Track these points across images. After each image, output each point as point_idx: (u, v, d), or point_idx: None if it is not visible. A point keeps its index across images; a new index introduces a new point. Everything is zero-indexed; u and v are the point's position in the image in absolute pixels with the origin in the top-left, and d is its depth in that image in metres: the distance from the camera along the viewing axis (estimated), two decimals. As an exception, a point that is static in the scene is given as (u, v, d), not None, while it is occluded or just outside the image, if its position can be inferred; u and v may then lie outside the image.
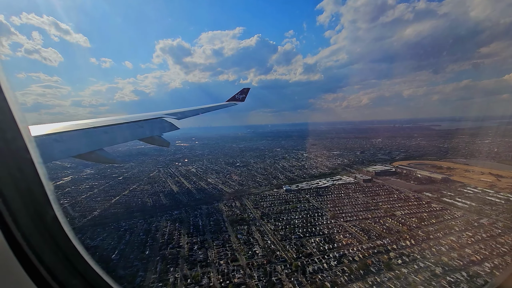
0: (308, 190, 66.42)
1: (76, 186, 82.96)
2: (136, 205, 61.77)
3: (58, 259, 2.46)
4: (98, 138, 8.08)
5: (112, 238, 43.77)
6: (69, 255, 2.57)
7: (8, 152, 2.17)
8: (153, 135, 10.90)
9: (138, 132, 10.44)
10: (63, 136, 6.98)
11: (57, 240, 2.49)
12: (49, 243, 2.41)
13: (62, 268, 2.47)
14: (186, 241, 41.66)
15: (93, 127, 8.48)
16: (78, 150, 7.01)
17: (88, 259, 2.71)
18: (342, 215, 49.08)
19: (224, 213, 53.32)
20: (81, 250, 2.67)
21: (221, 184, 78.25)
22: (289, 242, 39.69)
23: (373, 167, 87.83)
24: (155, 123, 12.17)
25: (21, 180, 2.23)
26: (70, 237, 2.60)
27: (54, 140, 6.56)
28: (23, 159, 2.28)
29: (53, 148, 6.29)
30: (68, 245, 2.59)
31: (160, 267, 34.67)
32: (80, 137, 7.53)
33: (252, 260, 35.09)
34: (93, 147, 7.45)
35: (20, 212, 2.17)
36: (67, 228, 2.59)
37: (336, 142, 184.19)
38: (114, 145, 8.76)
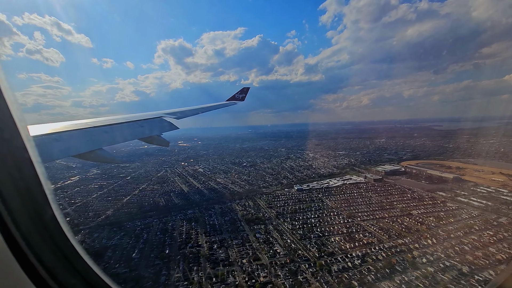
0: (320, 190, 66.30)
1: (85, 185, 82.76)
2: (148, 204, 61.59)
3: (56, 258, 2.45)
4: (97, 137, 8.06)
5: (130, 237, 43.58)
6: (68, 255, 2.57)
7: (7, 151, 2.16)
8: (152, 135, 10.93)
9: (137, 132, 10.46)
10: (62, 135, 6.95)
11: (55, 239, 2.49)
12: (47, 243, 2.40)
13: (61, 267, 2.47)
14: (204, 240, 41.51)
15: (92, 126, 8.45)
16: (77, 150, 6.98)
17: (86, 259, 2.70)
18: (358, 214, 48.96)
19: (238, 212, 53.16)
20: (79, 249, 2.66)
21: (230, 183, 78.10)
22: (309, 241, 39.55)
23: (382, 167, 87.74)
24: (155, 122, 12.20)
25: (20, 180, 2.22)
26: (68, 237, 2.59)
27: (53, 139, 6.53)
28: (22, 158, 2.27)
29: (53, 147, 6.27)
30: (67, 245, 2.58)
31: (182, 266, 34.49)
32: (80, 136, 7.51)
33: (274, 259, 34.95)
34: (93, 147, 7.41)
35: (19, 212, 2.16)
36: (66, 228, 2.58)
37: (340, 142, 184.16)
38: (113, 144, 8.75)
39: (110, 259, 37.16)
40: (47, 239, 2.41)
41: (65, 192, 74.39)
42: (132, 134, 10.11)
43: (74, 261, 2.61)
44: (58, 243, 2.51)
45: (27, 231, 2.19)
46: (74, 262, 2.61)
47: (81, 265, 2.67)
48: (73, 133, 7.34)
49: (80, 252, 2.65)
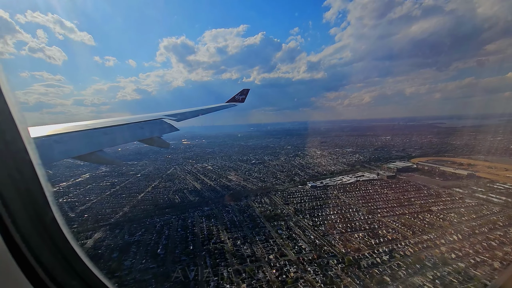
0: (334, 187, 66.20)
1: (97, 183, 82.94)
2: (163, 201, 61.63)
3: (56, 260, 2.46)
4: (98, 139, 8.05)
5: (151, 234, 43.64)
6: (67, 256, 2.58)
7: (7, 153, 2.16)
8: (153, 136, 10.92)
9: (138, 133, 10.50)
10: (63, 137, 6.96)
11: (55, 241, 2.50)
12: (47, 244, 2.41)
13: (60, 269, 2.48)
14: (227, 236, 41.49)
15: (93, 128, 8.46)
16: (78, 151, 6.99)
17: (86, 261, 2.71)
18: (377, 210, 48.85)
19: (255, 209, 53.12)
20: (79, 251, 2.66)
21: (242, 181, 78.08)
22: (333, 237, 39.49)
23: (393, 164, 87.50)
24: (155, 124, 12.19)
25: (20, 181, 2.22)
26: (68, 239, 2.59)
27: (54, 141, 6.53)
28: (22, 160, 2.28)
29: (53, 149, 6.25)
30: (66, 246, 2.58)
31: (209, 261, 34.51)
32: (80, 138, 7.50)
33: (301, 255, 34.91)
34: (93, 148, 7.41)
35: (18, 213, 2.16)
36: (66, 230, 2.58)
37: (345, 140, 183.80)
38: (114, 146, 8.79)
39: (136, 254, 37.22)
40: (46, 240, 2.40)
41: (78, 189, 74.52)
42: (132, 136, 10.18)
43: (73, 263, 2.61)
44: (58, 244, 2.51)
45: (27, 233, 2.18)
46: (74, 263, 2.61)
47: (80, 266, 2.67)
48: (73, 135, 7.34)
49: (79, 254, 2.65)
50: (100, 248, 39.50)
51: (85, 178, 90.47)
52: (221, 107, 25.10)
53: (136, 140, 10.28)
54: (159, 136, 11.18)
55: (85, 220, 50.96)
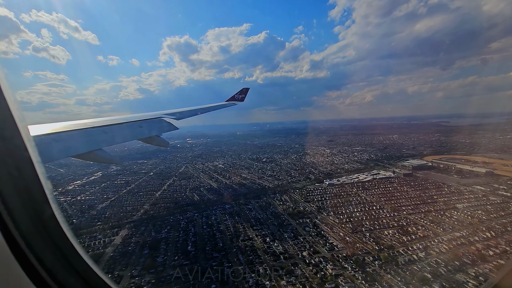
0: (352, 184, 65.92)
1: (111, 181, 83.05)
2: (182, 199, 61.54)
3: (55, 257, 2.47)
4: (97, 138, 8.02)
5: (178, 231, 43.55)
6: (67, 254, 2.58)
7: (7, 151, 2.15)
8: (152, 135, 10.86)
9: (137, 132, 10.44)
10: (62, 136, 6.90)
11: (54, 238, 2.50)
12: (47, 242, 2.41)
13: (60, 266, 2.49)
14: (254, 234, 41.33)
15: (92, 127, 8.39)
16: (77, 150, 6.95)
17: (85, 258, 2.72)
18: (402, 208, 48.57)
19: (277, 206, 52.94)
20: (79, 249, 2.66)
21: (257, 179, 77.89)
22: (362, 234, 39.27)
23: (408, 162, 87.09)
24: (154, 123, 12.14)
25: (20, 179, 2.22)
26: (68, 236, 2.59)
27: (53, 139, 6.48)
28: (22, 158, 2.27)
29: (52, 147, 6.22)
30: (66, 244, 2.59)
31: (243, 258, 34.36)
32: (79, 137, 7.48)
33: (334, 252, 34.71)
34: (92, 147, 7.38)
35: (18, 211, 2.16)
36: (65, 227, 2.58)
37: (352, 139, 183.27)
38: (113, 145, 8.70)
39: (166, 251, 37.12)
40: (46, 238, 2.41)
41: (93, 188, 74.56)
42: (132, 135, 10.12)
43: (73, 260, 2.62)
44: (58, 242, 2.51)
45: (27, 230, 2.19)
46: (73, 261, 2.62)
47: (80, 264, 2.68)
48: (72, 134, 7.32)
49: (79, 251, 2.66)
50: (130, 245, 39.41)
51: (98, 177, 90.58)
52: (220, 106, 25.22)
53: (135, 139, 10.26)
54: (158, 135, 11.20)
55: (107, 217, 50.92)
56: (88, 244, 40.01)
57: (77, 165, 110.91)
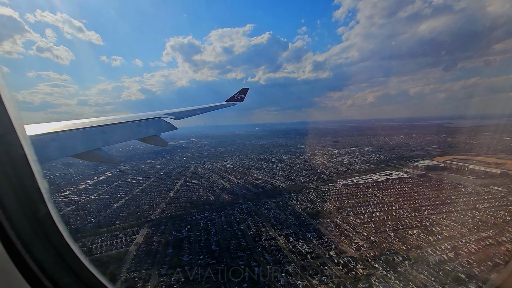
0: (366, 185, 65.61)
1: (122, 181, 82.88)
2: (197, 198, 61.31)
3: (51, 257, 2.45)
4: (95, 137, 7.93)
5: (199, 230, 43.33)
6: (63, 253, 2.56)
7: (3, 150, 2.14)
8: (151, 135, 10.77)
9: (136, 132, 10.38)
10: (60, 135, 6.82)
11: (50, 238, 2.48)
12: (42, 241, 2.39)
13: (56, 266, 2.47)
14: (276, 233, 41.08)
15: (90, 126, 8.29)
16: (75, 150, 6.89)
17: (81, 257, 2.70)
18: (422, 208, 48.25)
19: (295, 206, 52.69)
20: (74, 248, 2.64)
21: (269, 179, 77.63)
22: (387, 234, 38.99)
23: (419, 162, 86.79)
24: (153, 122, 12.07)
25: (15, 178, 2.20)
26: (64, 235, 2.58)
27: (51, 139, 6.40)
28: (18, 157, 2.24)
29: (50, 147, 6.13)
30: (62, 243, 2.57)
31: (269, 257, 34.12)
32: (77, 136, 7.41)
33: (362, 252, 34.43)
34: (91, 147, 7.32)
35: (14, 210, 2.14)
36: (62, 227, 2.57)
37: (357, 139, 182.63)
38: (112, 144, 8.62)
39: (191, 250, 36.93)
40: (42, 237, 2.39)
41: (105, 187, 74.45)
42: (131, 134, 10.07)
43: (69, 260, 2.59)
44: (53, 241, 2.50)
45: (22, 230, 2.17)
46: (69, 260, 2.60)
47: (75, 263, 2.66)
48: (70, 133, 7.24)
49: (75, 251, 2.63)
50: (153, 244, 39.20)
51: (108, 176, 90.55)
52: (220, 106, 25.21)
53: (134, 138, 10.17)
54: (157, 135, 11.12)
55: (125, 216, 50.75)
56: (111, 243, 39.84)
57: (85, 165, 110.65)
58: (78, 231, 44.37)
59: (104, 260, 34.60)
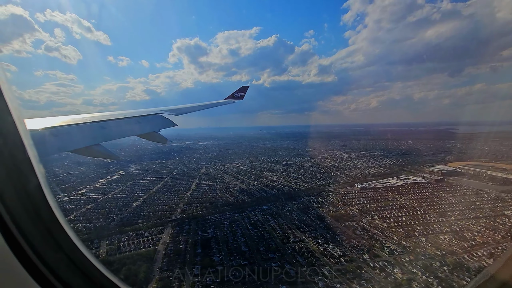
0: (385, 189, 65.01)
1: (136, 180, 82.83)
2: (215, 199, 61.00)
3: (53, 250, 2.45)
4: (95, 133, 7.93)
5: (224, 230, 43.00)
6: (65, 247, 2.56)
7: (3, 145, 2.15)
8: (151, 131, 10.71)
9: (135, 128, 10.36)
10: (59, 130, 6.76)
11: (50, 228, 2.49)
12: (43, 233, 2.41)
13: (59, 261, 2.47)
14: (303, 235, 40.61)
15: (90, 122, 8.26)
16: (74, 145, 6.86)
17: (83, 250, 2.70)
18: (448, 213, 47.58)
19: (317, 209, 52.22)
20: (76, 241, 2.65)
21: (285, 181, 77.22)
22: (418, 239, 38.40)
23: (435, 168, 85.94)
24: (153, 119, 12.02)
25: (16, 174, 2.22)
26: (65, 229, 2.59)
27: (50, 134, 6.34)
28: (18, 152, 2.26)
29: (49, 142, 6.10)
30: (64, 237, 2.57)
31: (301, 259, 33.67)
32: (77, 132, 7.35)
33: (396, 256, 33.88)
34: (90, 142, 7.25)
35: (15, 207, 2.16)
36: (62, 220, 2.57)
37: (365, 143, 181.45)
38: (111, 140, 8.52)
39: (220, 250, 36.56)
40: (43, 230, 2.42)
41: (121, 186, 74.42)
42: (130, 130, 10.00)
43: (71, 254, 2.60)
44: (53, 232, 2.51)
45: (24, 225, 2.19)
46: (71, 255, 2.60)
47: (78, 257, 2.67)
48: (70, 128, 7.16)
49: (77, 244, 2.64)
50: (180, 243, 38.89)
51: (121, 175, 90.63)
52: (220, 103, 25.22)
53: (134, 134, 10.11)
54: (157, 131, 11.11)
55: (147, 215, 50.56)
56: (138, 241, 39.59)
57: (96, 163, 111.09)
58: (103, 229, 44.23)
59: (135, 259, 34.33)
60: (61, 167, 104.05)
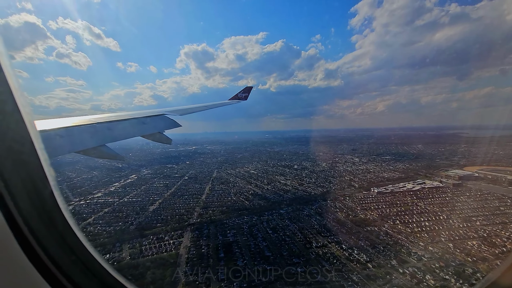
0: (402, 193, 63.87)
1: (149, 184, 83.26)
2: (231, 203, 60.80)
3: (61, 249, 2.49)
4: (101, 134, 8.04)
5: (244, 235, 42.70)
6: (69, 242, 2.61)
7: (15, 146, 2.21)
8: (155, 132, 10.78)
9: (140, 129, 10.44)
10: (66, 131, 6.88)
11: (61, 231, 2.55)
12: (55, 236, 2.46)
13: (67, 259, 2.52)
14: (325, 240, 40.00)
15: (96, 123, 8.35)
16: (81, 146, 6.98)
17: (92, 251, 2.74)
18: (472, 219, 46.32)
19: (335, 213, 51.51)
20: (81, 237, 2.68)
21: (298, 185, 76.62)
22: (445, 244, 37.37)
23: (451, 172, 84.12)
24: (157, 120, 12.08)
25: (28, 176, 2.27)
26: (72, 227, 2.63)
27: (57, 135, 6.44)
28: (30, 153, 2.31)
29: (56, 142, 6.20)
30: (70, 235, 2.63)
31: (327, 264, 33.07)
32: (84, 133, 7.49)
33: (425, 262, 32.98)
34: (96, 143, 7.38)
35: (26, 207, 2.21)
36: (68, 215, 2.62)
37: (376, 148, 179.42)
38: (116, 141, 8.57)
39: (243, 255, 36.23)
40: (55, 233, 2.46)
41: (135, 190, 74.96)
42: (135, 131, 10.04)
43: (78, 253, 2.64)
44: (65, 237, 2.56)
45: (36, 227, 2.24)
46: (78, 253, 2.64)
47: (82, 253, 2.70)
48: (76, 129, 7.34)
49: (81, 240, 2.67)
50: (201, 247, 38.70)
51: (134, 179, 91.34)
52: (224, 104, 25.51)
53: (138, 135, 10.13)
54: (161, 132, 11.15)
55: (164, 219, 50.61)
56: (159, 245, 39.55)
57: (108, 167, 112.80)
58: (123, 232, 44.40)
59: (158, 262, 34.25)
60: (74, 171, 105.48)
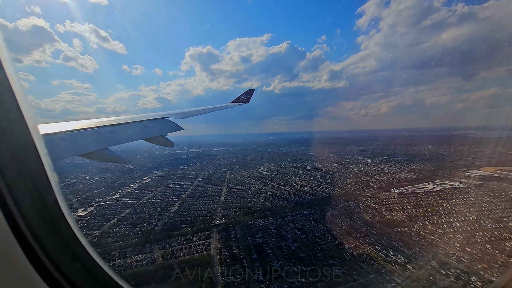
0: (424, 194, 62.91)
1: (164, 186, 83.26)
2: (252, 204, 60.33)
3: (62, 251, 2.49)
4: (103, 137, 8.06)
5: (272, 236, 42.21)
6: (73, 247, 2.61)
7: (18, 151, 2.21)
8: (157, 135, 10.78)
9: (142, 132, 10.46)
10: (69, 135, 6.91)
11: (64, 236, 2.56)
12: (52, 233, 2.46)
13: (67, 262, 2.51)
14: (357, 241, 39.33)
15: (98, 126, 8.38)
16: (84, 149, 6.97)
17: (91, 252, 2.73)
18: (503, 219, 45.29)
19: (361, 214, 50.80)
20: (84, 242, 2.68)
21: (316, 186, 75.92)
22: (482, 246, 36.50)
23: (470, 172, 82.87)
24: (160, 123, 12.11)
25: (31, 181, 2.27)
26: (73, 228, 2.62)
27: (59, 138, 6.48)
28: (32, 157, 2.31)
29: (59, 146, 6.26)
30: (67, 230, 2.62)
31: (364, 266, 32.43)
32: (86, 136, 7.55)
33: (466, 264, 32.17)
34: (99, 146, 7.42)
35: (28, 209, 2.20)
36: (70, 218, 2.61)
37: (385, 149, 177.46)
38: (119, 144, 8.54)
39: (276, 256, 35.72)
40: (53, 232, 2.46)
41: (152, 191, 74.95)
42: (137, 134, 10.11)
43: (79, 255, 2.63)
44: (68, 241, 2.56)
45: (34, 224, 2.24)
46: (79, 255, 2.63)
47: (86, 259, 2.69)
48: (79, 133, 7.41)
49: (81, 240, 2.65)
50: (232, 249, 38.26)
51: (148, 181, 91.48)
52: (226, 107, 25.41)
53: (141, 138, 10.21)
54: (164, 135, 11.15)
55: (189, 220, 50.33)
56: (189, 246, 39.22)
57: (120, 170, 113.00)
58: (149, 233, 44.17)
59: (192, 264, 33.80)
60: (87, 173, 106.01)
